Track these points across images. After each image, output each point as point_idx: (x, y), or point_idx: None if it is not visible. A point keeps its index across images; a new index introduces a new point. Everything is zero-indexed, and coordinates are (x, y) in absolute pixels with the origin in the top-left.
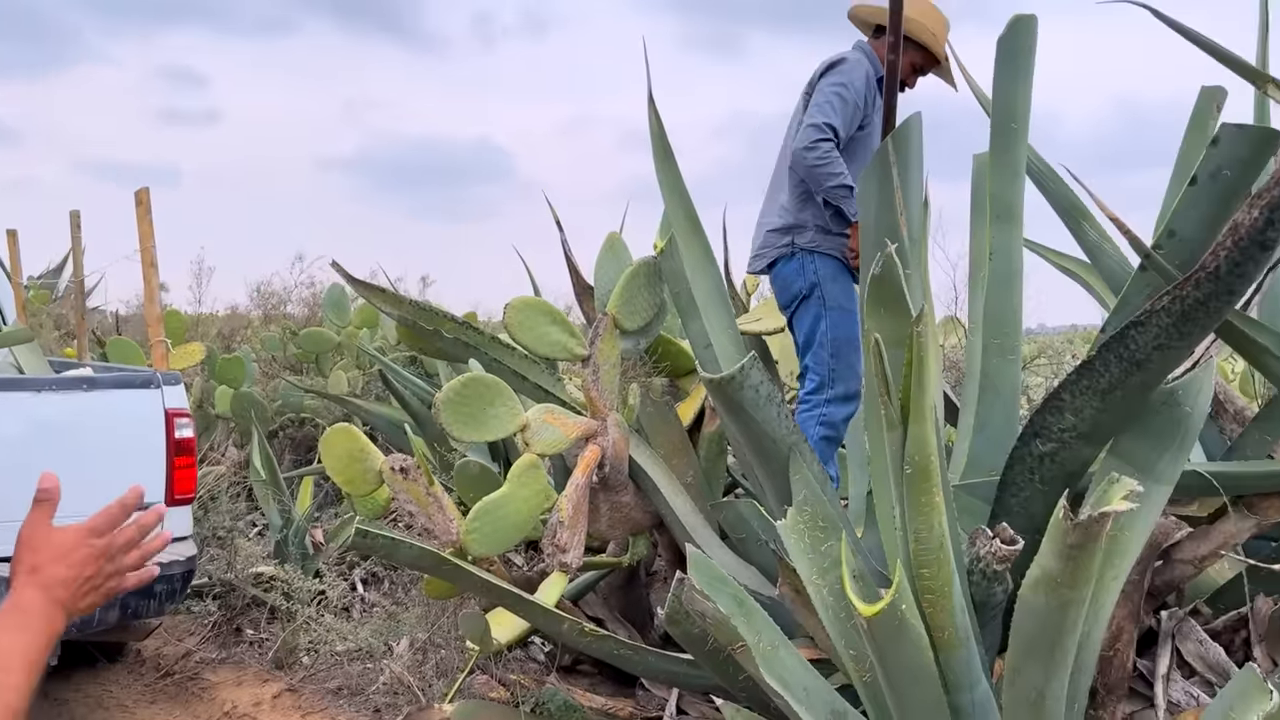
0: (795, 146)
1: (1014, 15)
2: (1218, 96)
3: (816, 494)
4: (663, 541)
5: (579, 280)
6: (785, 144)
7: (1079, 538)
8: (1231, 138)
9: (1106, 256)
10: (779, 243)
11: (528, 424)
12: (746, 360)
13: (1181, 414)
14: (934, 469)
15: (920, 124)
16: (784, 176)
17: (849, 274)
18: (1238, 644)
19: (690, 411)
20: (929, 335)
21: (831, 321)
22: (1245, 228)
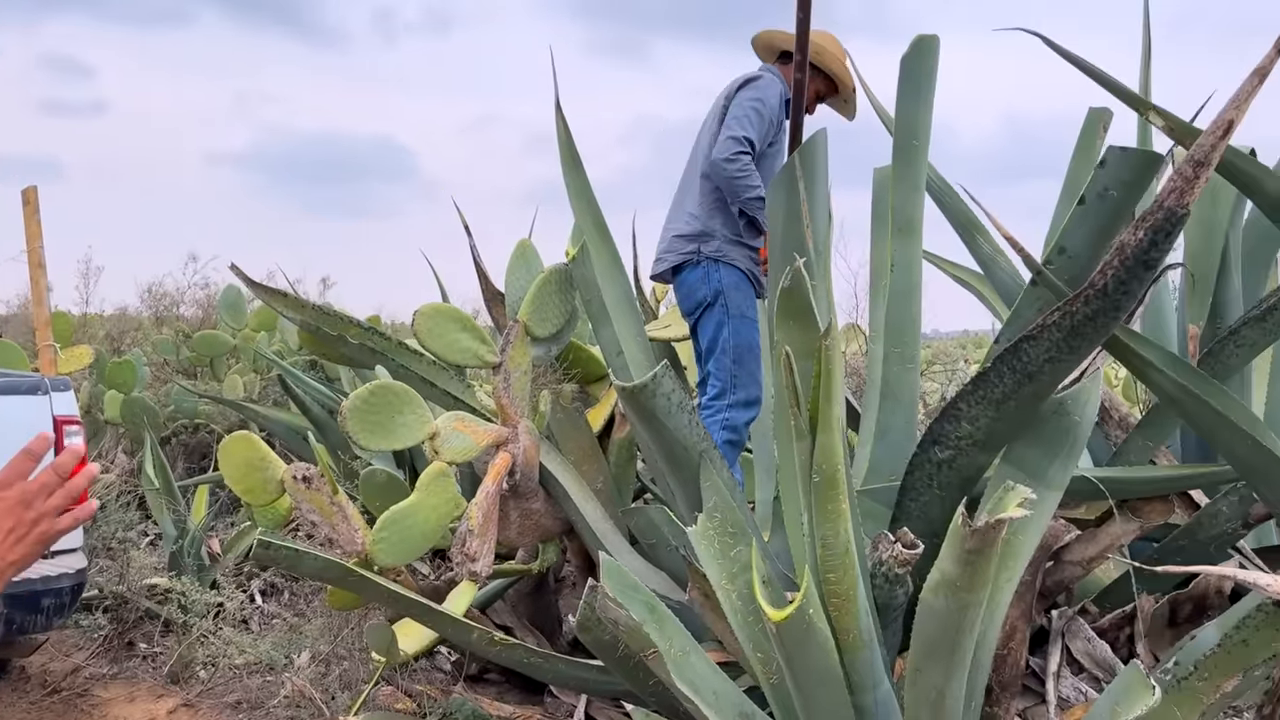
0: (715, 157)
1: (917, 36)
2: (1104, 117)
3: (726, 500)
4: (572, 548)
5: (488, 286)
6: (695, 152)
7: (976, 543)
8: (1117, 160)
9: (999, 269)
10: (684, 249)
11: (437, 432)
12: (659, 369)
13: (1071, 423)
14: (841, 478)
15: (826, 140)
16: (693, 184)
17: (750, 284)
18: (1123, 641)
19: (600, 418)
20: (836, 349)
21: (734, 329)
22: (1131, 248)
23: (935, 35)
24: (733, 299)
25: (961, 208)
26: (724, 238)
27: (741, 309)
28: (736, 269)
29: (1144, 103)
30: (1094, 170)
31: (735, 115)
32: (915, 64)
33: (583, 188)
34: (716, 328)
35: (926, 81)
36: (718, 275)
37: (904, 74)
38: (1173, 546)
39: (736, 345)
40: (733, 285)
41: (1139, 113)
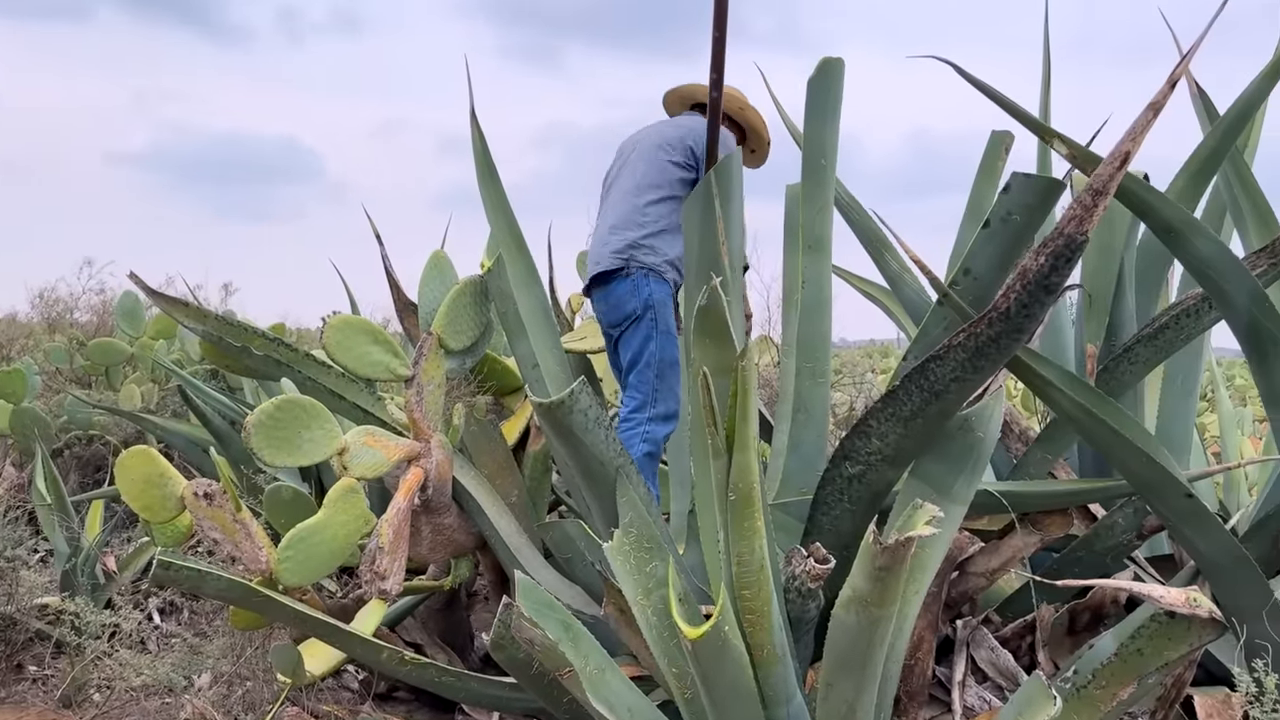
0: None
1: (823, 59)
2: (1006, 140)
3: (642, 516)
4: (485, 562)
5: (400, 297)
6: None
7: (887, 560)
8: (1021, 186)
9: (906, 286)
10: (614, 262)
11: (347, 447)
12: (576, 385)
13: (975, 439)
14: (756, 495)
15: (740, 160)
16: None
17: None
18: (1024, 649)
19: (515, 430)
20: (752, 369)
21: (660, 343)
22: (1032, 273)
23: (840, 59)
24: (661, 313)
25: (870, 225)
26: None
27: (669, 324)
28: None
29: (1048, 130)
30: (998, 195)
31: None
32: (821, 86)
33: (498, 198)
34: (643, 341)
35: (833, 103)
36: (648, 289)
37: (811, 96)
38: (1071, 557)
39: (661, 360)
40: (661, 300)
41: (1043, 139)
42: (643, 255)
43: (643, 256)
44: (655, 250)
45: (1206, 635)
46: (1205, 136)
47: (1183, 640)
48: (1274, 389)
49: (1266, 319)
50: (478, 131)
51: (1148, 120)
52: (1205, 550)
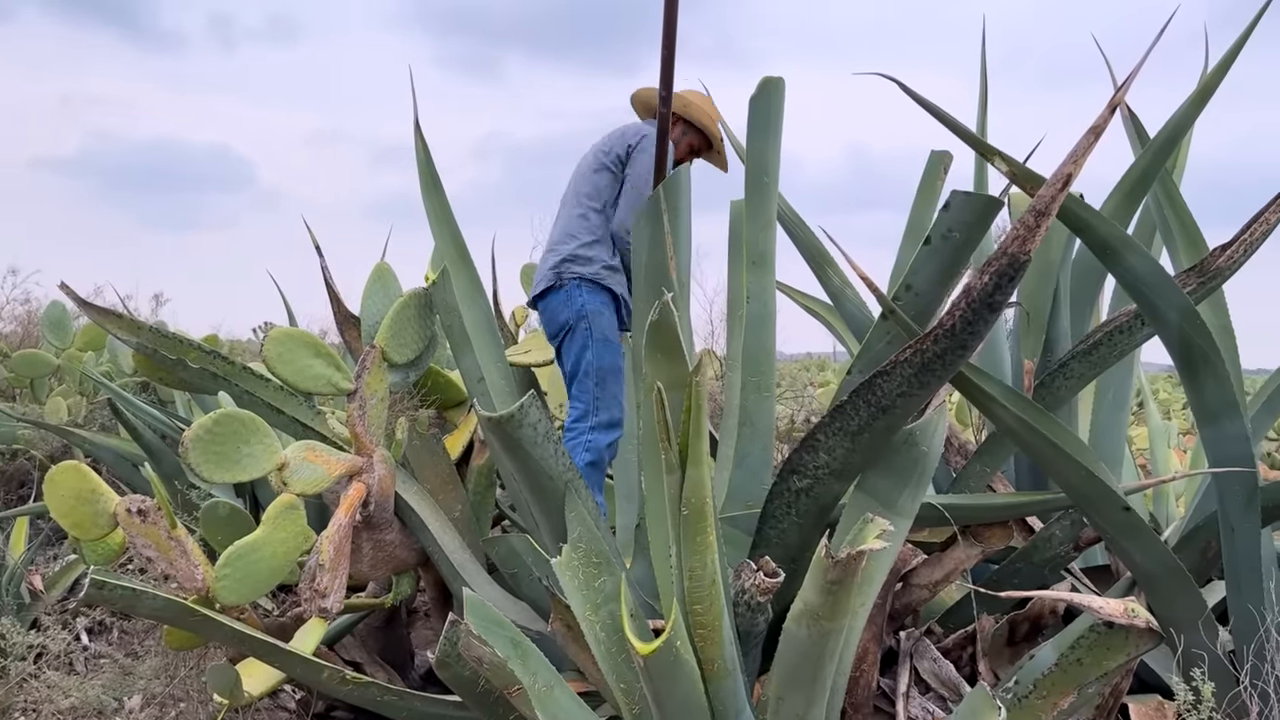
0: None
1: (764, 78)
2: (944, 160)
3: (591, 531)
4: (427, 578)
5: (340, 308)
6: (572, 180)
7: (838, 574)
8: (960, 204)
9: (848, 301)
10: (549, 275)
11: (287, 462)
12: (526, 399)
13: (920, 453)
14: (709, 510)
15: (689, 175)
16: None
17: (614, 308)
18: (965, 660)
19: (459, 444)
20: (705, 385)
21: (596, 351)
22: (977, 291)
23: (780, 78)
24: (595, 322)
25: (813, 241)
26: (602, 263)
27: (604, 332)
28: (603, 294)
29: (988, 148)
30: (938, 213)
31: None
32: (763, 104)
33: (442, 210)
34: (580, 350)
35: (774, 121)
36: (580, 298)
37: (753, 114)
38: (1010, 569)
39: (599, 368)
40: (595, 309)
41: (983, 156)
42: (576, 266)
43: (576, 268)
44: (590, 260)
45: (1144, 645)
46: (1137, 158)
47: (1121, 650)
48: (1205, 404)
49: (1197, 335)
50: (421, 142)
51: (1089, 143)
52: (1141, 562)
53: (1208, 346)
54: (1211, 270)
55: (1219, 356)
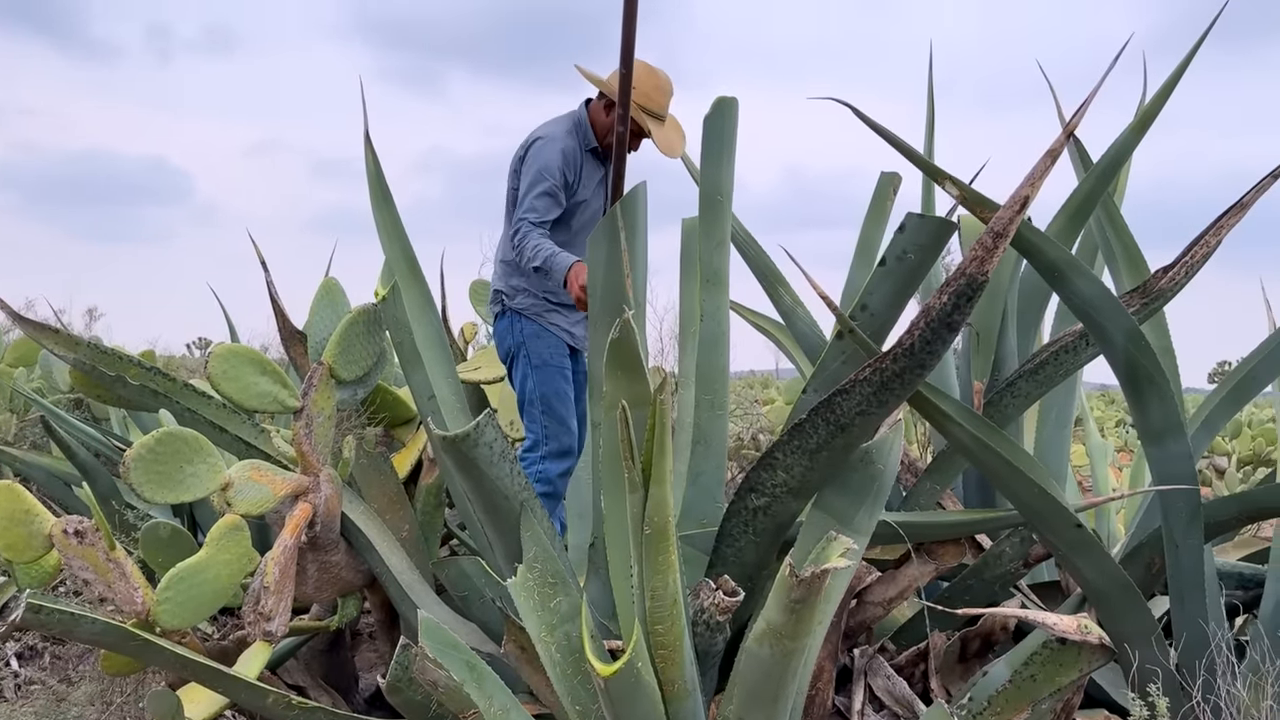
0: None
1: (718, 98)
2: (894, 181)
3: (546, 551)
4: (373, 600)
5: (285, 324)
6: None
7: (802, 593)
8: (915, 226)
9: (799, 320)
10: (495, 299)
11: (231, 482)
12: (482, 418)
13: (876, 471)
14: (671, 530)
15: (645, 192)
16: (505, 229)
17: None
18: (918, 677)
19: (407, 463)
20: (669, 404)
21: (538, 379)
22: (936, 310)
23: (734, 98)
24: (534, 348)
25: (764, 259)
26: (524, 292)
27: (544, 357)
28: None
29: (939, 172)
30: (894, 235)
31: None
32: (716, 124)
33: (393, 224)
34: (521, 380)
35: (728, 140)
36: (519, 326)
37: (707, 134)
38: (962, 585)
39: (543, 395)
40: (533, 335)
41: (934, 180)
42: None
43: (509, 301)
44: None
45: (1096, 661)
46: (1081, 181)
47: (1073, 666)
48: (1150, 423)
49: (1143, 356)
50: (372, 155)
51: (1046, 166)
52: (1091, 578)
53: (1153, 367)
54: (1154, 292)
55: (1164, 377)
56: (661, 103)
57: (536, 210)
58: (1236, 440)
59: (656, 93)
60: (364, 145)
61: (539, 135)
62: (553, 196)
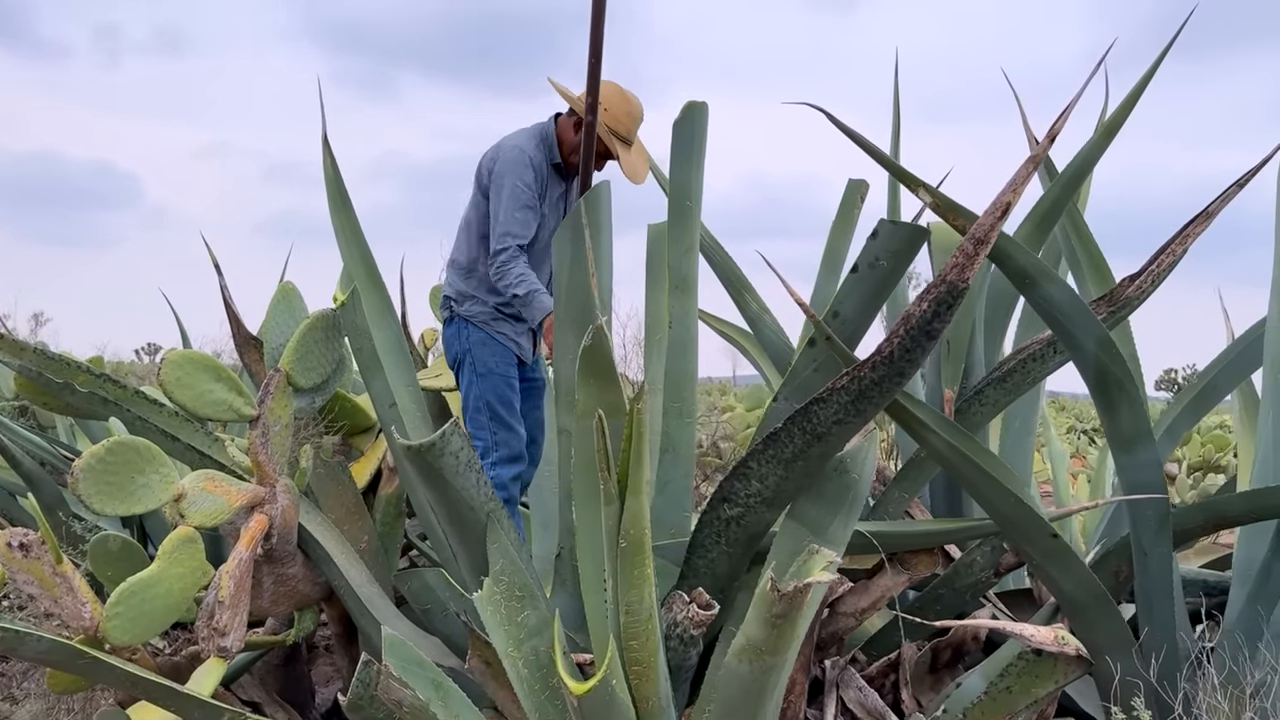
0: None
1: (688, 102)
2: (861, 189)
3: (514, 563)
4: (331, 613)
5: (240, 329)
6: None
7: (784, 607)
8: (888, 233)
9: (766, 327)
10: (445, 305)
11: (184, 493)
12: (448, 426)
13: (851, 480)
14: (647, 543)
15: (609, 191)
16: (460, 238)
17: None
18: (888, 687)
19: (365, 472)
20: (646, 413)
21: (483, 386)
22: (915, 318)
23: (704, 103)
24: (479, 355)
25: (731, 266)
26: (474, 299)
27: (489, 365)
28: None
29: (913, 179)
30: (867, 241)
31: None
32: (686, 129)
33: (352, 228)
34: (467, 387)
35: (697, 145)
36: (466, 333)
37: (676, 139)
38: (932, 595)
39: (489, 402)
40: (479, 342)
41: (908, 187)
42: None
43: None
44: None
45: (1072, 672)
46: (1046, 190)
47: (1049, 678)
48: (1120, 430)
49: (1113, 364)
50: (330, 158)
51: (1028, 173)
52: (1066, 587)
53: (1123, 375)
54: (1121, 300)
55: (1134, 384)
56: (630, 128)
57: (517, 228)
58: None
59: (627, 118)
60: (322, 149)
61: (512, 144)
62: (531, 209)
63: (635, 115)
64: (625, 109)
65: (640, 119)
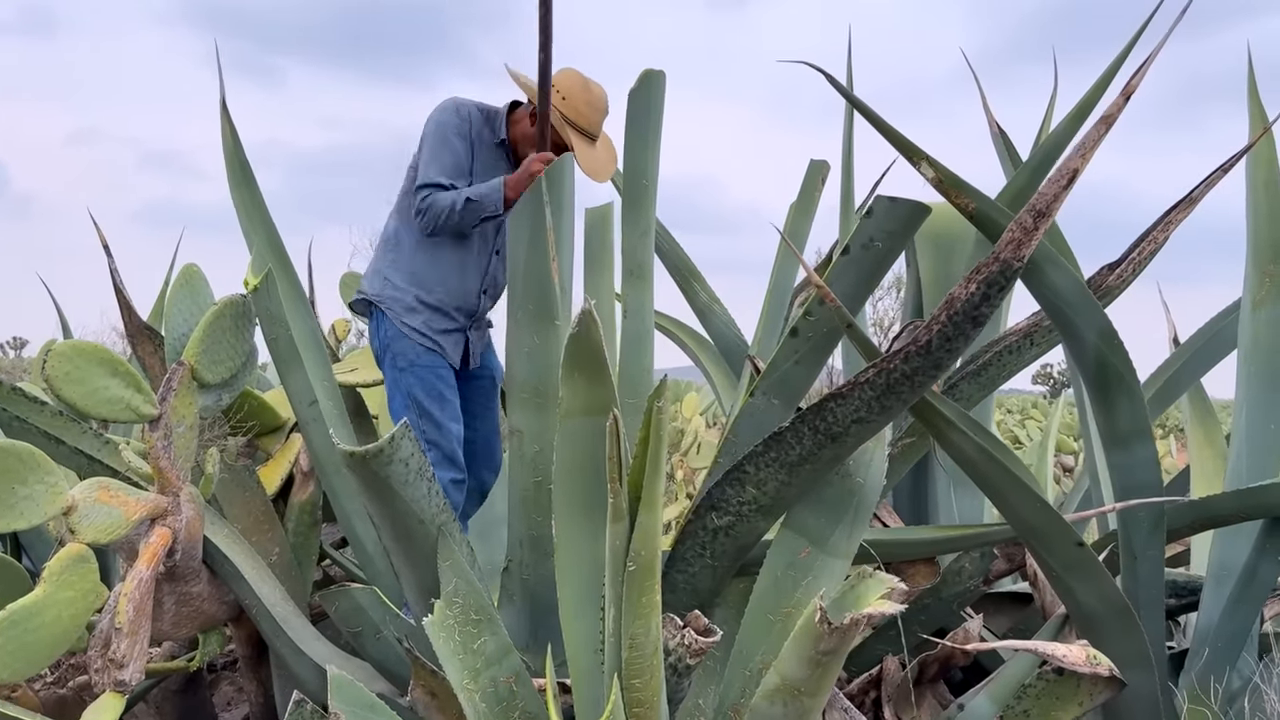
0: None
1: (644, 70)
2: (823, 170)
3: (470, 583)
4: (238, 634)
5: (133, 318)
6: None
7: (834, 643)
8: (885, 210)
9: (715, 317)
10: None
11: (74, 504)
12: (398, 430)
13: (854, 485)
14: (658, 565)
15: (573, 167)
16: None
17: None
18: (869, 705)
19: (275, 477)
20: (666, 415)
21: (409, 381)
22: (960, 302)
23: (661, 71)
24: (399, 348)
25: (680, 254)
26: (385, 280)
27: (410, 358)
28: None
29: (918, 151)
30: (860, 220)
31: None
32: (643, 100)
33: (256, 206)
34: (392, 385)
35: (654, 119)
36: (386, 325)
37: (631, 112)
38: (919, 605)
39: (416, 398)
40: (397, 335)
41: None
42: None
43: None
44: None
45: (1100, 694)
46: (1014, 175)
47: (1073, 699)
48: (1116, 427)
49: (1113, 355)
50: (230, 129)
51: (1099, 134)
52: (1085, 600)
53: (1123, 366)
54: (1103, 289)
55: (1134, 377)
56: (593, 120)
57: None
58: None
59: (588, 108)
60: (221, 119)
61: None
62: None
63: (598, 106)
64: (585, 98)
65: (604, 110)
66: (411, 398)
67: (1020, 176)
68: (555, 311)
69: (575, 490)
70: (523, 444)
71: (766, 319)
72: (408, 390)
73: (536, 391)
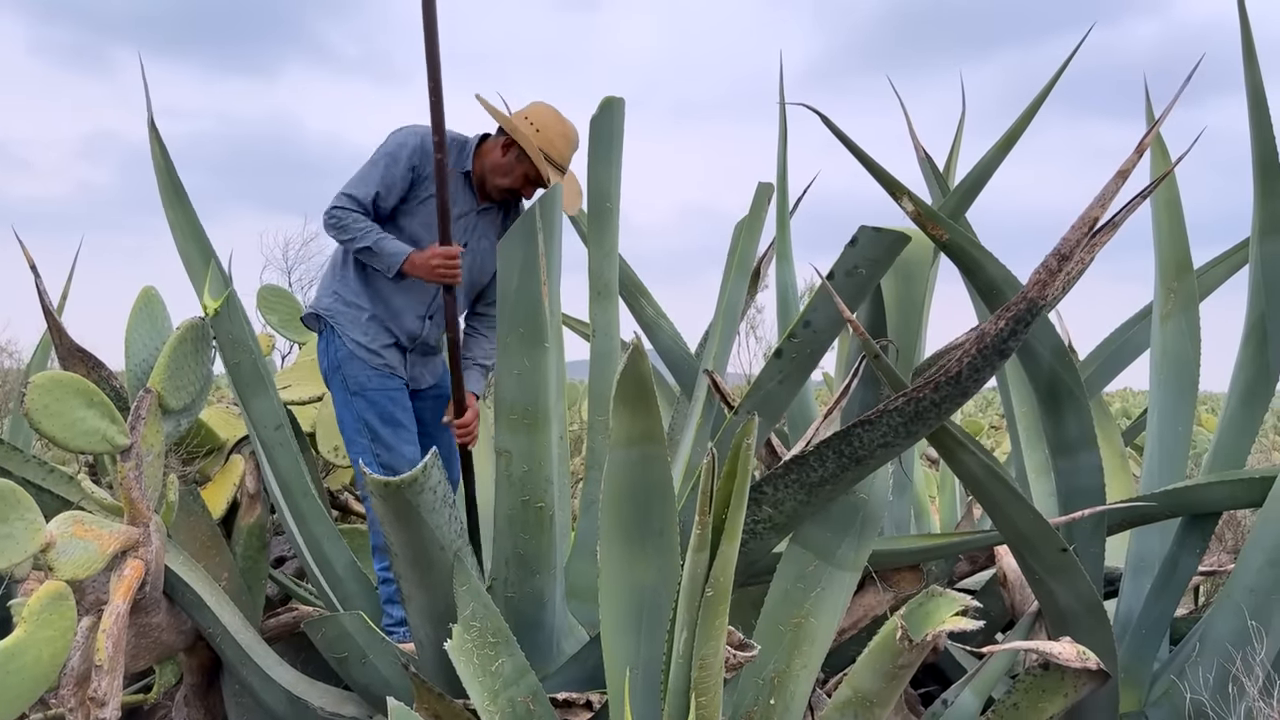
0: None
1: (605, 97)
2: (768, 192)
3: (486, 606)
4: (190, 663)
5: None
6: None
7: (912, 657)
8: (869, 240)
9: (661, 332)
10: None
11: (53, 541)
12: (430, 458)
13: (859, 500)
14: (729, 590)
15: (561, 195)
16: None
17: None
18: None
19: (220, 500)
20: (751, 448)
21: (361, 405)
22: (991, 336)
23: (621, 98)
24: (350, 370)
25: (626, 270)
26: (336, 296)
27: (361, 382)
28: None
29: (899, 186)
30: (844, 249)
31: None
32: (605, 125)
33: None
34: (342, 407)
35: (616, 143)
36: (336, 344)
37: (594, 136)
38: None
39: (369, 423)
40: (347, 356)
41: (893, 196)
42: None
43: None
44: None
45: (1084, 687)
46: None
47: (1058, 692)
48: (1064, 437)
49: (1065, 372)
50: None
51: (1116, 186)
52: (1064, 600)
53: (1074, 383)
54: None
55: (1083, 392)
56: (565, 153)
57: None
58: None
59: (561, 140)
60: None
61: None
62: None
63: (570, 139)
64: (559, 130)
65: (575, 145)
66: (363, 421)
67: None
68: (545, 335)
69: (621, 517)
70: (510, 464)
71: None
72: (359, 414)
73: (526, 413)
